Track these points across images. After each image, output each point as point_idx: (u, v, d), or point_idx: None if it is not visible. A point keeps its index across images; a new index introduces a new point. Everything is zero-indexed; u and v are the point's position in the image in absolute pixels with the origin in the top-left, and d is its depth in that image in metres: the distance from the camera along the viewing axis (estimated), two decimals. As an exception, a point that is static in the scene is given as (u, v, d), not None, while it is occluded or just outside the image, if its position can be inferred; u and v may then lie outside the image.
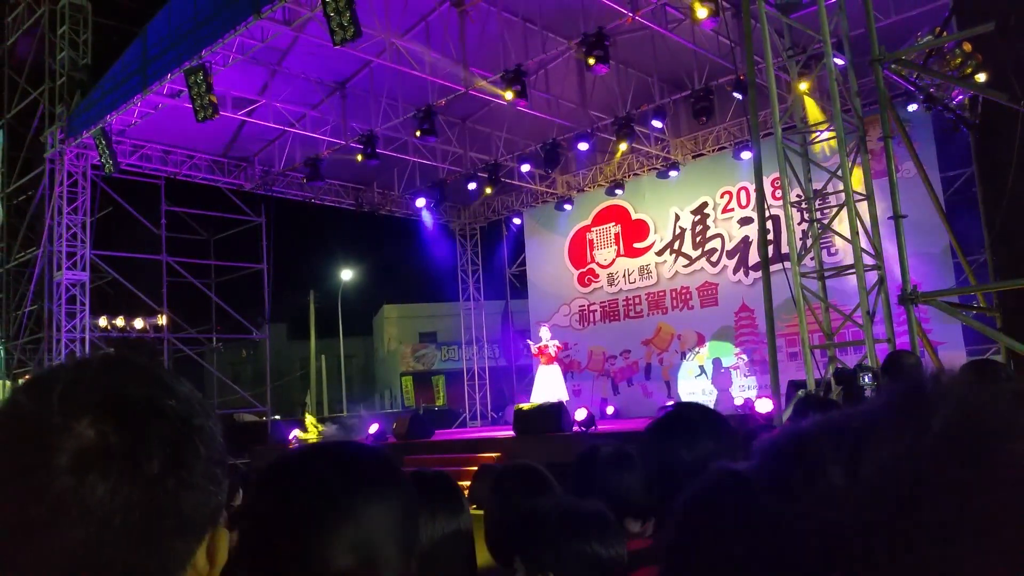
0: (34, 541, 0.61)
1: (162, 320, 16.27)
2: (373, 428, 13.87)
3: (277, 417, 21.05)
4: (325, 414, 27.23)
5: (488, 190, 15.44)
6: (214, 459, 0.69)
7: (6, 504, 0.62)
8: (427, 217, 16.96)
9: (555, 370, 12.53)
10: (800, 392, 7.37)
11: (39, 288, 14.48)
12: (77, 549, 0.61)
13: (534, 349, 12.82)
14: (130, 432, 0.64)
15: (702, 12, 9.10)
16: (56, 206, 13.61)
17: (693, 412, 1.68)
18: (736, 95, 11.76)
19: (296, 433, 14.12)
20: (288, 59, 12.45)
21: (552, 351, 12.58)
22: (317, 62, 12.39)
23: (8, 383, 16.32)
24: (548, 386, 12.27)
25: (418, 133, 12.47)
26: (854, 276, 7.25)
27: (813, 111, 8.95)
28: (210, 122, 11.05)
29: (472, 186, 15.29)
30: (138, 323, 16.17)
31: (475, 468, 9.98)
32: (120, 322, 16.05)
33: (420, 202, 16.09)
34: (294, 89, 13.10)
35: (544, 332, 13.02)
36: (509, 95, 11.13)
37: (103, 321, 15.51)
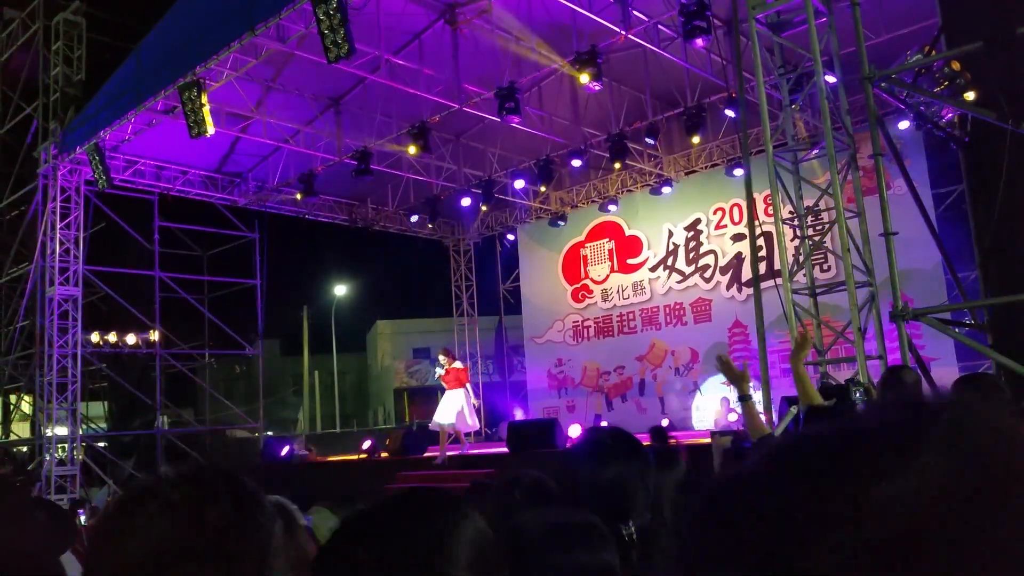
0: None
1: (155, 336, 16.20)
2: (365, 445, 13.83)
3: (270, 433, 20.93)
4: (318, 430, 27.10)
5: (484, 208, 15.45)
6: None
7: None
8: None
9: (455, 393, 11.06)
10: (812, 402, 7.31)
11: (31, 303, 14.40)
12: None
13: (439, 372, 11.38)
14: None
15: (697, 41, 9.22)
16: (49, 221, 13.57)
17: (607, 436, 1.78)
18: (728, 112, 11.84)
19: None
20: (282, 75, 12.49)
21: (440, 372, 11.22)
22: (311, 78, 12.43)
23: (0, 398, 16.20)
24: (444, 407, 11.07)
25: (412, 150, 12.50)
26: (846, 292, 7.26)
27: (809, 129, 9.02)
28: (204, 138, 11.06)
29: (466, 202, 15.31)
30: (130, 339, 16.09)
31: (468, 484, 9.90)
32: (112, 338, 15.97)
33: (414, 218, 16.08)
34: (288, 105, 13.13)
35: (441, 357, 11.55)
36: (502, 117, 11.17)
37: (95, 337, 15.43)
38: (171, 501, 0.89)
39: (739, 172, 13.26)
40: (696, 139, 12.60)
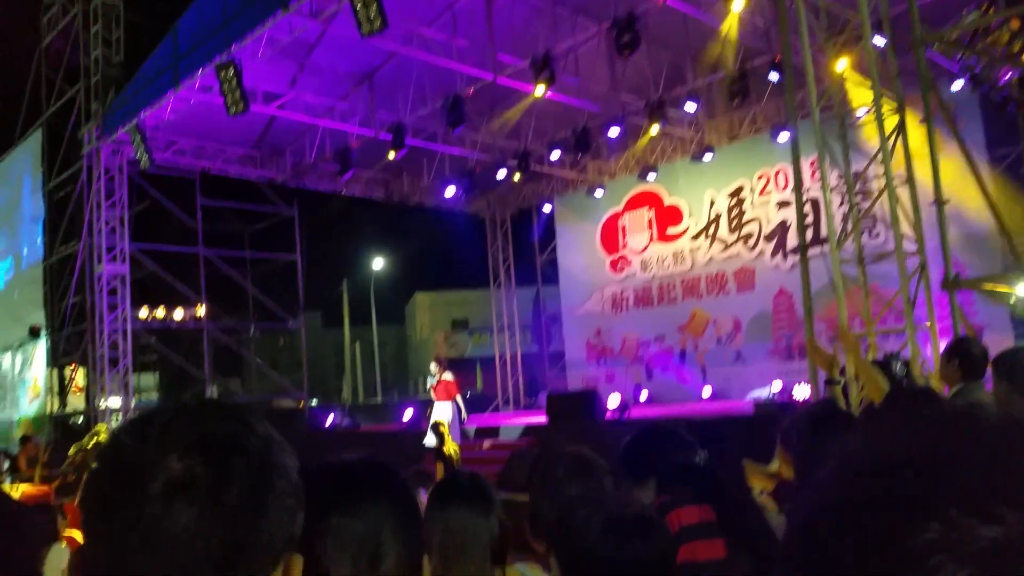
0: (127, 564, 0.67)
1: (201, 310, 16.58)
2: (407, 415, 14.03)
3: (314, 402, 21.39)
4: (360, 401, 27.58)
5: (518, 178, 15.31)
6: (288, 492, 0.74)
7: (105, 530, 0.69)
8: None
9: (443, 407, 10.55)
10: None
11: (81, 281, 14.83)
12: (163, 573, 0.67)
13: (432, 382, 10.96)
14: (214, 466, 0.70)
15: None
16: (95, 201, 13.89)
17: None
18: (772, 76, 11.47)
19: None
20: (316, 52, 12.46)
21: (431, 381, 10.81)
22: (345, 54, 12.37)
23: (55, 371, 16.80)
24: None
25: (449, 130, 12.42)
26: (895, 261, 7.04)
27: (857, 93, 8.66)
28: (241, 116, 11.13)
29: (502, 174, 15.20)
30: (178, 314, 16.51)
31: (508, 453, 9.98)
32: (161, 313, 16.40)
33: (450, 191, 15.97)
34: (323, 81, 13.11)
35: (432, 366, 11.11)
36: (539, 90, 10.97)
37: (144, 312, 15.86)
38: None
39: (784, 137, 12.88)
40: (739, 103, 12.23)
